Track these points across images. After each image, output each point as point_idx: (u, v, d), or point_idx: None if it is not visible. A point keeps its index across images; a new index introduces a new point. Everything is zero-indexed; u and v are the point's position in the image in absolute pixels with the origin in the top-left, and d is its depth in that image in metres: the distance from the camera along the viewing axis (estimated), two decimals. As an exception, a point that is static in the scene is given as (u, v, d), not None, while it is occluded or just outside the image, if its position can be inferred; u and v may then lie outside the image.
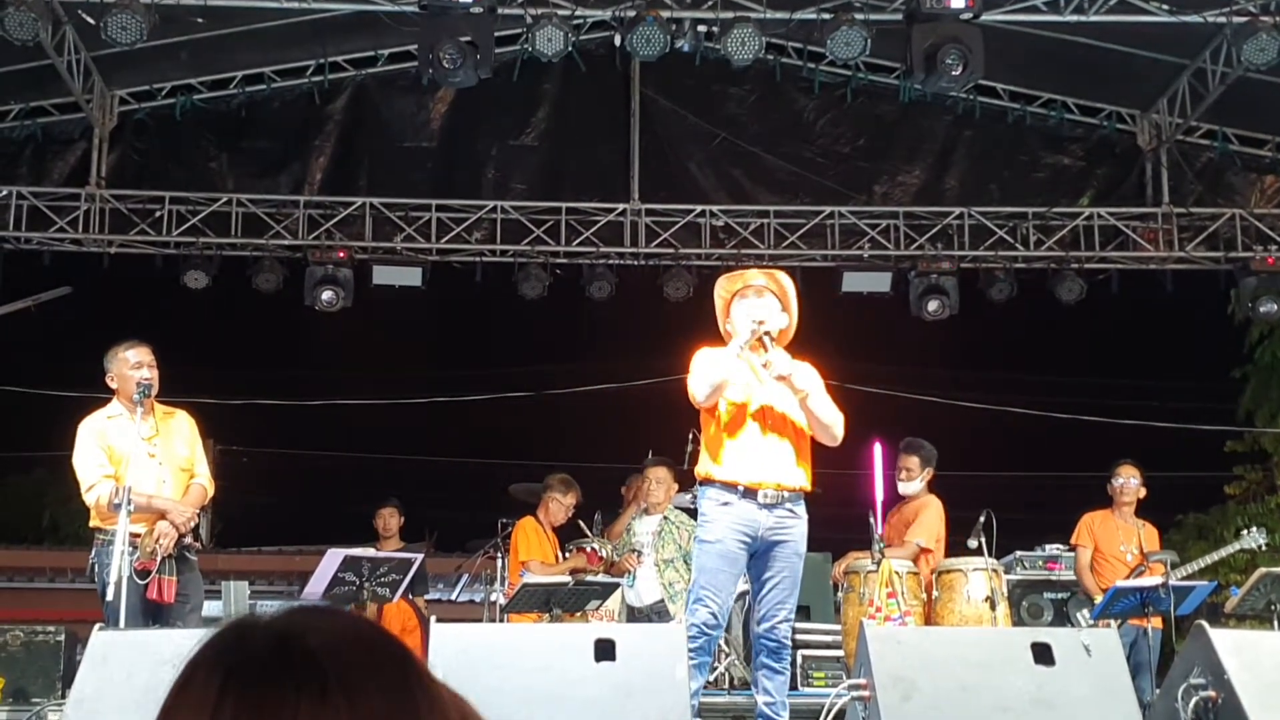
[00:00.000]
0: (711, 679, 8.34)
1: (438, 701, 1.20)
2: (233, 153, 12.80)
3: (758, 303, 6.10)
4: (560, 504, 9.40)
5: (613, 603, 8.54)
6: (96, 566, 6.54)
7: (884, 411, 15.31)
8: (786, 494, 5.94)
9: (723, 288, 6.33)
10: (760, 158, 13.00)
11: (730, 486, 5.93)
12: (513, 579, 8.98)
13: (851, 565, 8.26)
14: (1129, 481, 8.98)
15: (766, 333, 5.97)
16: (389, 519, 10.29)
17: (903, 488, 8.68)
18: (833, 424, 6.10)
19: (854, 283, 12.62)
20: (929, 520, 8.45)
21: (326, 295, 12.17)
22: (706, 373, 5.98)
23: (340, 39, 12.19)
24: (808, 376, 6.08)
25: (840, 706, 5.67)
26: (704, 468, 6.10)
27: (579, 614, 8.12)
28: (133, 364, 6.72)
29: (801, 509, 6.04)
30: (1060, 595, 9.90)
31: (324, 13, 10.96)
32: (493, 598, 9.66)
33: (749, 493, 5.90)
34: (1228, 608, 8.62)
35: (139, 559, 6.41)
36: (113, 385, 6.79)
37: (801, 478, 6.02)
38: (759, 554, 5.94)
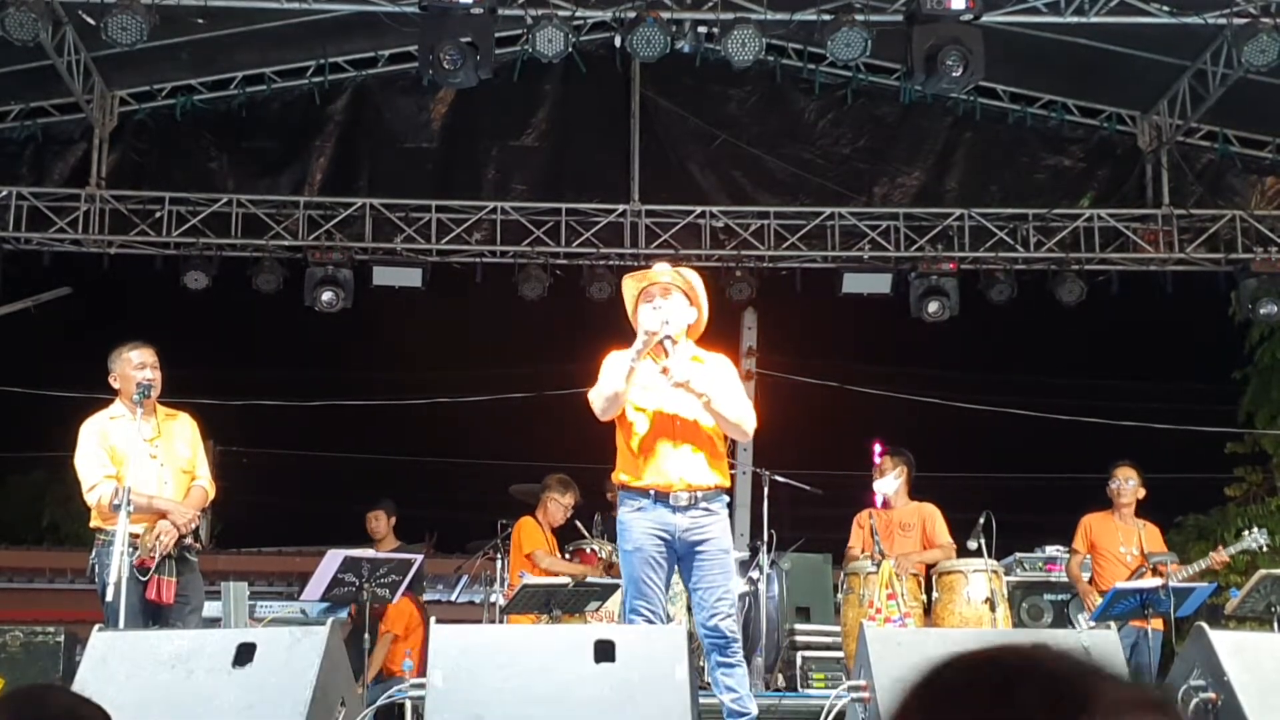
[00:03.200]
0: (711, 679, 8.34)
1: None
2: (233, 153, 12.80)
3: (662, 303, 6.02)
4: (559, 504, 9.39)
5: (613, 604, 8.54)
6: (96, 567, 6.55)
7: (884, 413, 15.36)
8: (700, 494, 5.90)
9: (628, 287, 6.22)
10: (760, 159, 13.00)
11: (642, 492, 5.90)
12: (513, 579, 8.97)
13: (851, 567, 8.28)
14: (1126, 483, 9.00)
15: (667, 336, 5.90)
16: (375, 521, 10.18)
17: (878, 484, 8.76)
18: (741, 421, 6.03)
19: (854, 284, 12.62)
20: (941, 522, 8.55)
21: (327, 296, 12.18)
22: (600, 388, 5.93)
23: (340, 39, 12.19)
24: (712, 375, 6.01)
25: (840, 708, 5.66)
26: (618, 474, 6.07)
27: (579, 615, 8.12)
28: (135, 364, 6.74)
29: (718, 506, 5.98)
30: (1060, 597, 9.91)
31: (324, 13, 10.95)
32: (492, 599, 9.66)
33: (661, 497, 5.87)
34: (1228, 609, 8.62)
35: (139, 556, 6.41)
36: (115, 385, 6.81)
37: (714, 476, 5.97)
38: (684, 557, 5.91)
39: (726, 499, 6.09)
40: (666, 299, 6.06)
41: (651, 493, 5.86)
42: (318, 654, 5.18)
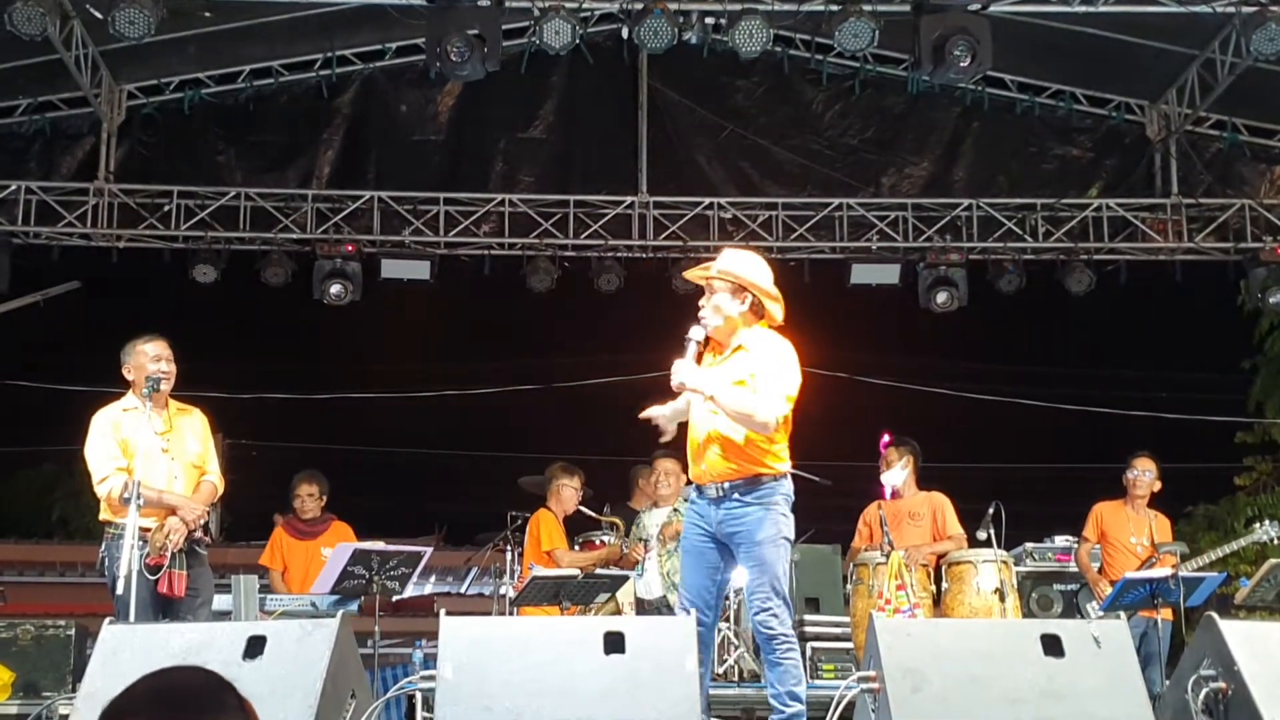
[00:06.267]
0: (720, 671, 8.35)
1: None
2: (241, 147, 12.82)
3: (703, 301, 6.10)
4: (570, 488, 9.35)
5: (623, 595, 8.55)
6: (107, 560, 6.55)
7: (892, 403, 15.34)
8: (728, 485, 5.83)
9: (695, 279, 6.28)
10: (768, 150, 13.00)
11: (690, 484, 6.05)
12: (524, 571, 8.97)
13: (860, 558, 8.28)
14: (1144, 474, 8.99)
15: (692, 340, 5.98)
16: (302, 500, 9.74)
17: (886, 476, 8.77)
18: (751, 412, 5.76)
19: (862, 275, 12.62)
20: (952, 513, 8.57)
21: (335, 289, 12.20)
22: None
23: (348, 32, 12.20)
24: (728, 371, 5.95)
25: (850, 698, 5.66)
26: None
27: (589, 607, 8.11)
28: (150, 356, 6.75)
29: (753, 497, 5.82)
30: (1070, 587, 9.90)
31: (331, 6, 10.98)
32: (502, 590, 9.65)
33: (699, 489, 5.95)
34: (1238, 599, 8.61)
35: (149, 555, 6.42)
36: (129, 377, 6.82)
37: (745, 466, 5.83)
38: (725, 551, 5.91)
39: (771, 489, 5.88)
40: (710, 298, 6.11)
41: (695, 485, 5.98)
42: (328, 646, 5.19)
